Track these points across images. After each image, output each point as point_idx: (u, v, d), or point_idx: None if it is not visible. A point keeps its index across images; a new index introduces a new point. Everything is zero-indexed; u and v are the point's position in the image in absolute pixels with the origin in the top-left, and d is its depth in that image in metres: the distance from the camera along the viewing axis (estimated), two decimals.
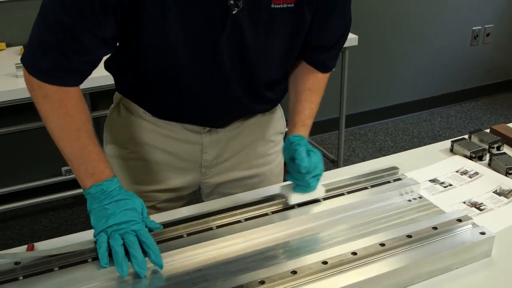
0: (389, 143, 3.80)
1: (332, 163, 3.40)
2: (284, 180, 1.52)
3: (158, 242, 1.09)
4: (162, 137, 1.37)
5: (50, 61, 1.09)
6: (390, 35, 3.86)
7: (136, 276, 1.04)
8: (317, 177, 1.22)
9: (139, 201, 1.11)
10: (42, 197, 2.88)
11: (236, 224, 1.19)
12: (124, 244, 1.04)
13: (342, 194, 1.30)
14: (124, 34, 1.13)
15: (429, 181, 1.44)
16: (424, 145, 1.86)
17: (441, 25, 4.02)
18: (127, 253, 1.04)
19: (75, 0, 1.03)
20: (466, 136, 1.64)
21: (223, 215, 1.21)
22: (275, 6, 1.15)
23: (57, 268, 1.06)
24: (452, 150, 1.60)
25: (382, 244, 1.10)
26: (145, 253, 1.05)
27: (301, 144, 1.21)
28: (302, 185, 1.22)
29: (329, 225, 1.21)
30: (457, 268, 1.12)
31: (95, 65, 1.15)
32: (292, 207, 1.24)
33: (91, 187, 1.10)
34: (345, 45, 2.91)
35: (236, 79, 1.24)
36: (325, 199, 1.28)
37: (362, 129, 3.96)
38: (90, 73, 1.16)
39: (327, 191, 1.29)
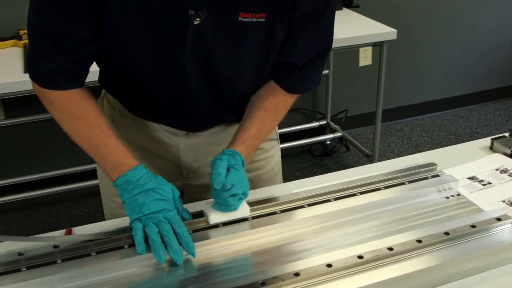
0: (425, 139, 3.75)
1: (366, 158, 3.38)
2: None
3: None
4: (142, 135, 1.36)
5: (42, 67, 1.10)
6: (429, 30, 3.80)
7: (172, 263, 1.05)
8: (237, 196, 1.14)
9: (169, 187, 1.11)
10: (79, 183, 2.92)
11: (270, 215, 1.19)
12: (159, 232, 1.05)
13: (379, 189, 1.29)
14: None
15: (468, 178, 1.41)
16: (461, 142, 1.83)
17: (481, 21, 3.94)
18: (162, 240, 1.05)
19: (48, 4, 1.04)
20: (506, 134, 1.61)
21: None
22: (243, 19, 1.09)
23: (94, 253, 1.08)
24: (492, 148, 1.57)
25: (419, 241, 1.08)
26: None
27: (222, 159, 1.13)
28: (220, 203, 1.15)
29: (365, 220, 1.20)
30: (494, 268, 1.10)
31: (87, 63, 1.14)
32: (328, 200, 1.24)
33: (117, 179, 1.11)
34: (383, 39, 2.91)
35: (202, 91, 1.21)
36: (361, 193, 1.26)
37: (398, 125, 3.92)
38: (86, 72, 1.15)
39: (362, 185, 1.28)
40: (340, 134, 3.53)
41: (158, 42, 1.11)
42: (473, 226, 1.13)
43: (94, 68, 1.24)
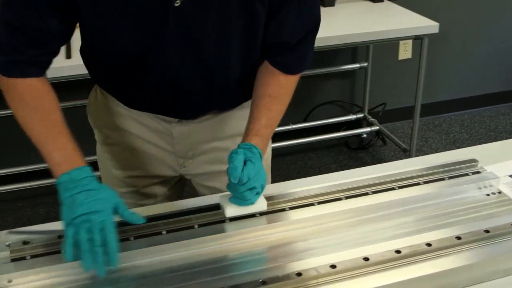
0: (464, 135, 3.69)
1: (403, 152, 3.34)
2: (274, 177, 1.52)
3: (137, 237, 1.08)
4: (135, 123, 1.34)
5: (7, 56, 1.10)
6: (472, 25, 3.73)
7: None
8: (254, 190, 1.12)
9: (112, 193, 1.06)
10: None
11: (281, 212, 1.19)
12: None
13: (418, 184, 1.27)
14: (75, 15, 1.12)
15: (509, 176, 1.39)
16: (502, 139, 1.79)
17: None
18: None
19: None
20: None
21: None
22: None
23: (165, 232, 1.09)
24: None
25: (458, 238, 1.07)
26: None
27: (239, 153, 1.11)
28: (237, 196, 1.13)
29: (403, 214, 1.19)
30: None
31: (53, 55, 1.15)
32: (367, 193, 1.23)
33: (61, 177, 1.05)
34: (424, 32, 2.87)
35: (189, 77, 1.19)
36: (400, 187, 1.25)
37: (436, 120, 3.86)
38: (50, 63, 1.15)
39: (401, 179, 1.27)
40: (377, 127, 3.50)
41: (139, 28, 1.10)
42: None
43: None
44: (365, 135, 3.60)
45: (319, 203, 1.20)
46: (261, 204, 1.16)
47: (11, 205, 2.89)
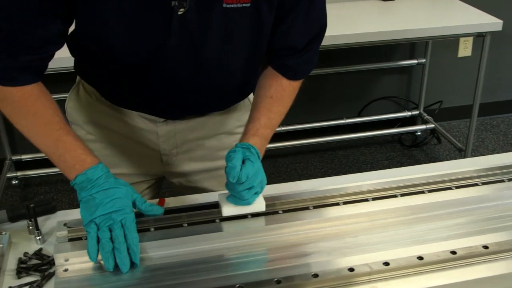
0: None
1: (459, 152, 3.27)
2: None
3: (157, 228, 1.09)
4: (119, 122, 1.33)
5: (1, 64, 1.06)
6: None
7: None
8: (252, 190, 1.10)
9: (129, 188, 1.07)
10: None
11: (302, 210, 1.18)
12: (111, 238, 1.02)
13: (476, 185, 1.24)
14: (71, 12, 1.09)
15: None
16: None
17: None
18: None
19: (11, 4, 1.02)
20: None
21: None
22: (228, 6, 1.06)
23: (186, 225, 1.11)
24: None
25: None
26: None
27: (237, 152, 1.09)
28: (235, 196, 1.11)
29: (459, 215, 1.17)
30: None
31: (48, 60, 1.12)
32: (422, 191, 1.21)
33: (76, 178, 1.06)
34: (486, 30, 2.79)
35: (189, 82, 1.18)
36: (457, 187, 1.23)
37: (494, 120, 3.76)
38: (45, 68, 1.12)
39: (458, 179, 1.24)
40: (432, 125, 3.44)
41: (141, 36, 1.08)
42: None
43: (69, 54, 1.24)
44: (419, 133, 3.54)
45: (374, 199, 1.18)
46: (259, 205, 1.13)
47: (67, 186, 2.97)
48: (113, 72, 1.19)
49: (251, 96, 1.38)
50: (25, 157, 2.99)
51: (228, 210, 1.12)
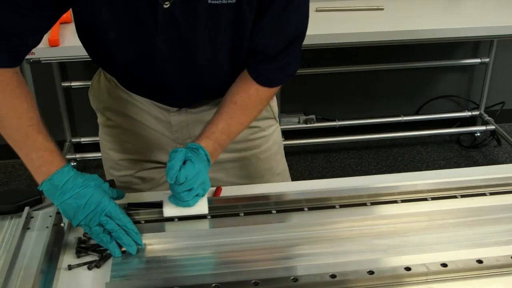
0: None
1: None
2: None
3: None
4: (136, 109, 1.34)
5: None
6: None
7: None
8: (192, 191, 1.07)
9: (98, 181, 1.06)
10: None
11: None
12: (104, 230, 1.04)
13: None
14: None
15: None
16: None
17: None
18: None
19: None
20: None
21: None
22: (213, 1, 1.05)
23: (242, 214, 1.12)
24: None
25: None
26: None
27: (179, 152, 1.06)
28: (175, 197, 1.09)
29: None
30: None
31: (32, 47, 1.11)
32: (484, 194, 1.18)
33: (42, 184, 1.04)
34: None
35: (177, 76, 1.18)
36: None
37: None
38: (26, 54, 1.11)
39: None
40: (493, 127, 3.35)
41: (129, 28, 1.09)
42: None
43: None
44: (478, 134, 3.46)
45: (433, 198, 1.17)
46: (201, 207, 1.10)
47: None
48: (113, 62, 1.21)
49: None
50: (84, 140, 3.07)
51: (168, 211, 1.10)
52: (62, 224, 1.10)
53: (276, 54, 1.18)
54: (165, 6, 1.05)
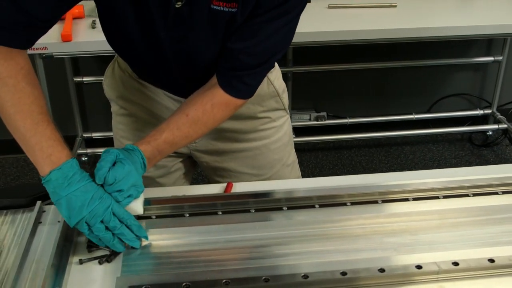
0: None
1: None
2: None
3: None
4: (148, 99, 1.37)
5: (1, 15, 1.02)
6: None
7: None
8: (123, 193, 1.04)
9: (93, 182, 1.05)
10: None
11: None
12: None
13: None
14: None
15: None
16: None
17: None
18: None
19: None
20: None
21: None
22: (214, 7, 1.08)
23: (253, 210, 1.12)
24: None
25: None
26: None
27: (110, 152, 1.05)
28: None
29: None
30: None
31: (45, 31, 1.10)
32: (496, 193, 1.17)
33: (50, 173, 1.02)
34: None
35: (181, 70, 1.22)
36: None
37: None
38: (38, 38, 1.10)
39: None
40: (505, 126, 3.32)
41: (144, 21, 1.12)
42: None
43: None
44: (490, 132, 3.44)
45: (445, 197, 1.16)
46: (136, 208, 1.08)
47: None
48: (130, 50, 1.23)
49: (275, 82, 1.39)
50: (95, 135, 3.09)
51: None
52: None
53: (246, 67, 1.17)
54: (177, 6, 1.08)
